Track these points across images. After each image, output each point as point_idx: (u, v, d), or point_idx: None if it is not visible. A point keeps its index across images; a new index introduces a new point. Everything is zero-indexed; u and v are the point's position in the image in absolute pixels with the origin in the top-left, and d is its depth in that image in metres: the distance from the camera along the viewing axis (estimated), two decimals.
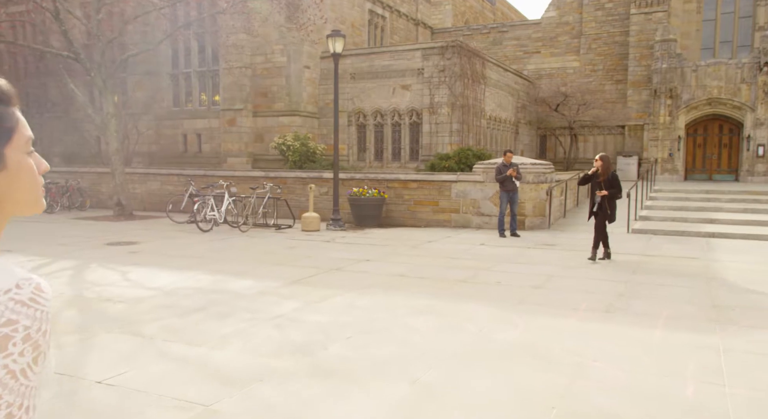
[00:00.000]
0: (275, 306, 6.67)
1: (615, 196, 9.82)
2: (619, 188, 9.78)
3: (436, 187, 15.49)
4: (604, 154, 9.96)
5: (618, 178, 9.89)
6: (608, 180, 9.73)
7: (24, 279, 0.90)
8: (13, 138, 0.93)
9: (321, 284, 7.95)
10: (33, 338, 0.88)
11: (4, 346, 0.84)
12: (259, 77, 21.50)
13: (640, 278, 8.53)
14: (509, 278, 8.50)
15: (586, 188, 20.25)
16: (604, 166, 9.73)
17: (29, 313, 0.88)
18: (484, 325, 5.94)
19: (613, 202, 9.87)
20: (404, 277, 8.50)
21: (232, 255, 10.35)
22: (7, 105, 0.94)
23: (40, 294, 0.91)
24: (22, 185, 0.94)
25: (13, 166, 0.92)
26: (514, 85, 25.85)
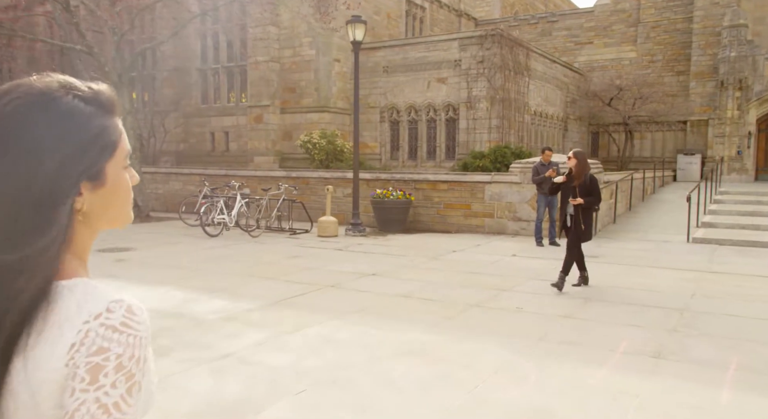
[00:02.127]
0: (233, 339, 5.40)
1: (592, 206, 7.67)
2: (598, 196, 7.65)
3: (468, 189, 13.99)
4: (579, 151, 7.68)
5: (597, 182, 7.73)
6: (584, 185, 7.50)
7: (114, 301, 0.84)
8: (115, 153, 0.88)
9: (305, 306, 6.66)
10: (126, 367, 0.80)
11: (95, 378, 0.79)
12: (287, 71, 20.44)
13: (701, 305, 6.86)
14: (535, 302, 6.99)
15: (640, 189, 18.32)
16: (579, 166, 7.48)
17: (121, 339, 0.81)
18: (484, 377, 4.49)
19: (589, 215, 7.66)
20: (408, 299, 7.11)
21: (226, 267, 9.19)
22: (111, 115, 0.89)
23: (132, 318, 0.83)
24: (118, 202, 0.90)
25: (112, 183, 0.88)
26: (562, 77, 23.94)
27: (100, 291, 0.85)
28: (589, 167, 7.66)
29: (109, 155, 0.87)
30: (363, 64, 20.63)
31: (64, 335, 0.81)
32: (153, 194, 19.14)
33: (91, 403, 0.78)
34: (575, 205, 7.48)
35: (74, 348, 0.80)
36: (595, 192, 7.57)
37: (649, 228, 14.07)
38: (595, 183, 7.62)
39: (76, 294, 0.84)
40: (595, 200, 7.58)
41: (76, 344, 0.80)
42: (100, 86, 0.90)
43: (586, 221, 7.55)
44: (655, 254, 10.73)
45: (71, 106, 0.85)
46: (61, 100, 0.85)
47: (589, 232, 7.64)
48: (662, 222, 14.60)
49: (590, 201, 7.49)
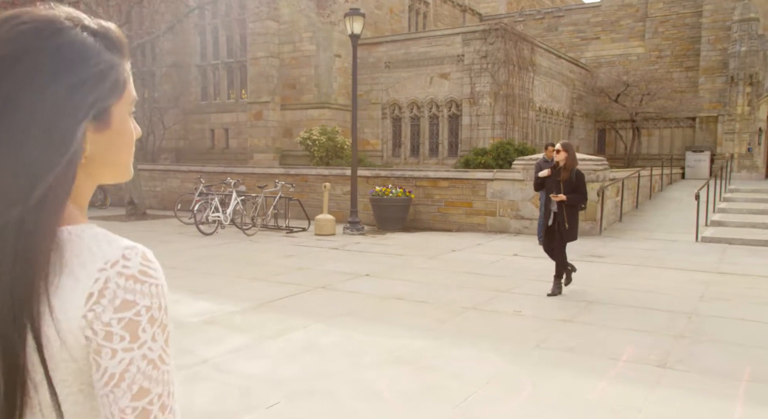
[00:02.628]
0: (212, 344, 5.08)
1: (577, 204, 6.94)
2: (584, 193, 6.90)
3: (470, 186, 13.62)
4: (568, 143, 7.05)
5: (584, 178, 6.99)
6: (570, 180, 6.81)
7: (129, 247, 0.79)
8: (123, 95, 0.83)
9: (292, 309, 6.33)
10: (158, 319, 0.78)
11: (135, 335, 0.75)
12: (287, 67, 20.11)
13: (710, 308, 6.48)
14: (534, 305, 6.63)
15: (647, 186, 17.90)
16: (568, 159, 6.84)
17: (144, 290, 0.77)
18: (475, 388, 4.15)
19: (573, 213, 6.96)
20: (401, 301, 6.77)
21: (215, 266, 8.88)
22: (120, 55, 0.83)
23: (150, 265, 0.80)
24: (121, 147, 0.85)
25: (117, 126, 0.83)
26: (568, 73, 23.51)
27: (112, 237, 0.81)
28: (577, 162, 7.03)
29: (117, 95, 0.82)
30: (364, 60, 20.33)
31: (80, 282, 0.75)
32: (151, 192, 18.89)
33: (139, 361, 0.76)
34: (559, 202, 6.88)
35: (92, 298, 0.75)
36: (581, 189, 6.87)
37: (657, 226, 13.67)
38: (582, 179, 6.94)
39: (85, 240, 0.79)
40: (580, 198, 6.88)
41: (94, 294, 0.75)
42: (110, 24, 0.85)
43: (571, 220, 6.92)
44: (663, 254, 10.34)
45: (80, 37, 0.79)
46: (69, 31, 0.79)
47: (573, 232, 7.02)
48: (670, 221, 14.19)
49: (574, 198, 6.81)
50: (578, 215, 7.11)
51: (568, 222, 6.89)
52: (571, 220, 6.91)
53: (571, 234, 7.02)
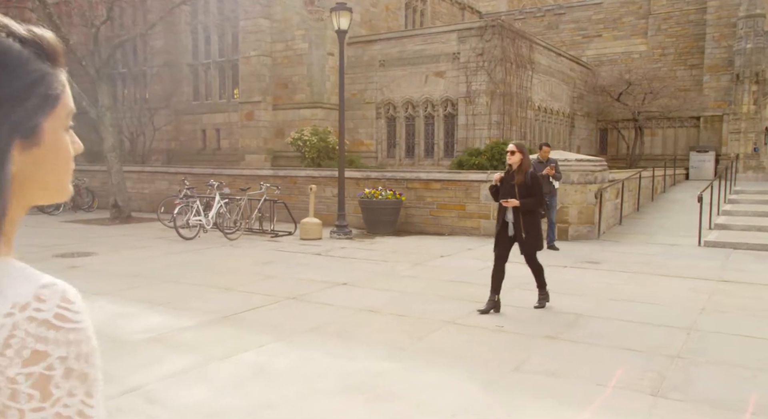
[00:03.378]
0: (149, 367, 4.56)
1: (533, 209, 6.19)
2: (540, 197, 6.17)
3: (463, 188, 13.08)
4: (521, 143, 6.37)
5: (539, 181, 6.32)
6: (524, 184, 6.13)
7: (44, 286, 0.71)
8: (56, 108, 0.77)
9: (253, 324, 5.81)
10: (76, 369, 0.70)
11: (46, 392, 0.68)
12: (279, 66, 19.61)
13: (711, 322, 5.92)
14: (519, 317, 6.09)
15: (649, 188, 17.30)
16: (525, 160, 6.18)
17: (60, 338, 0.69)
18: None
19: (532, 220, 6.20)
20: (375, 314, 6.24)
21: (185, 274, 8.37)
22: (54, 65, 0.77)
23: (69, 307, 0.72)
24: (54, 166, 0.78)
25: (50, 142, 0.76)
26: (568, 72, 22.92)
27: (27, 274, 0.73)
28: (531, 163, 6.40)
29: (47, 109, 0.75)
30: (359, 58, 19.83)
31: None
32: (139, 194, 18.44)
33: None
34: (515, 209, 6.17)
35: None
36: (537, 192, 6.13)
37: (658, 230, 13.10)
38: (537, 182, 6.21)
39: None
40: (536, 202, 6.15)
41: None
42: (44, 31, 0.77)
43: (529, 228, 6.15)
44: (662, 259, 9.78)
45: (5, 45, 0.72)
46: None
47: (536, 241, 6.25)
48: (671, 224, 13.61)
49: (530, 203, 6.11)
50: (539, 221, 6.35)
51: (527, 231, 6.16)
52: (530, 228, 6.19)
53: (534, 243, 6.26)
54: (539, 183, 6.25)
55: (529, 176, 6.16)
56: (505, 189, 6.22)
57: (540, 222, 6.39)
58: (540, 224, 6.38)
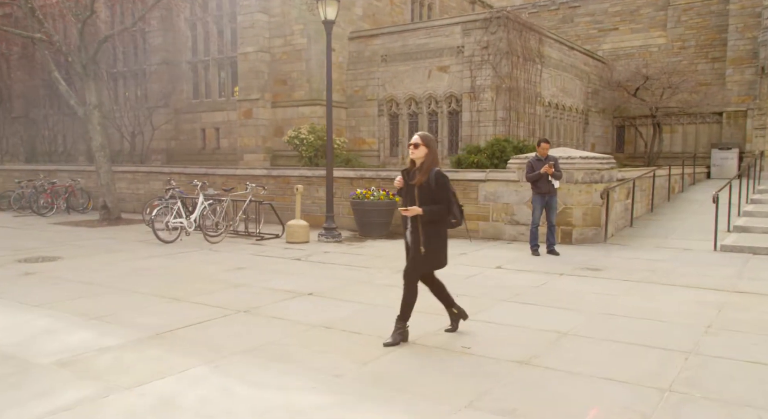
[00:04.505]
0: (37, 399, 3.89)
1: (439, 218, 4.90)
2: (448, 202, 4.89)
3: (460, 188, 12.26)
4: (426, 134, 5.03)
5: (448, 183, 4.91)
6: (427, 186, 4.84)
7: None
8: None
9: (187, 342, 5.12)
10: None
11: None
12: (278, 62, 18.99)
13: (717, 343, 5.09)
14: (492, 336, 5.32)
15: (665, 187, 16.28)
16: (430, 156, 4.90)
17: None
18: None
19: (434, 233, 4.93)
20: (328, 331, 5.52)
21: (144, 282, 7.74)
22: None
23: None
24: None
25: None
26: (582, 66, 21.94)
27: None
28: (438, 161, 5.01)
29: None
30: (360, 54, 19.15)
31: None
32: (134, 195, 17.96)
33: None
34: (413, 218, 4.91)
35: None
36: (443, 197, 4.82)
37: (671, 232, 12.16)
38: (444, 184, 4.85)
39: None
40: (441, 211, 4.85)
41: None
42: None
43: (429, 241, 4.89)
44: (671, 266, 8.89)
45: None
46: None
47: (434, 258, 4.98)
48: (687, 226, 12.66)
49: (434, 211, 4.81)
50: (444, 235, 5.03)
51: (426, 245, 4.87)
52: (429, 242, 4.88)
53: (433, 260, 5.01)
54: (447, 185, 4.87)
55: (434, 176, 4.81)
56: (405, 192, 4.99)
57: (446, 236, 5.06)
58: (445, 238, 5.07)
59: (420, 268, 5.05)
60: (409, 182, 4.93)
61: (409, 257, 5.05)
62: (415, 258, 4.98)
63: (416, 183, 4.86)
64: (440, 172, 4.89)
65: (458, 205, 5.10)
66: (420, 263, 4.99)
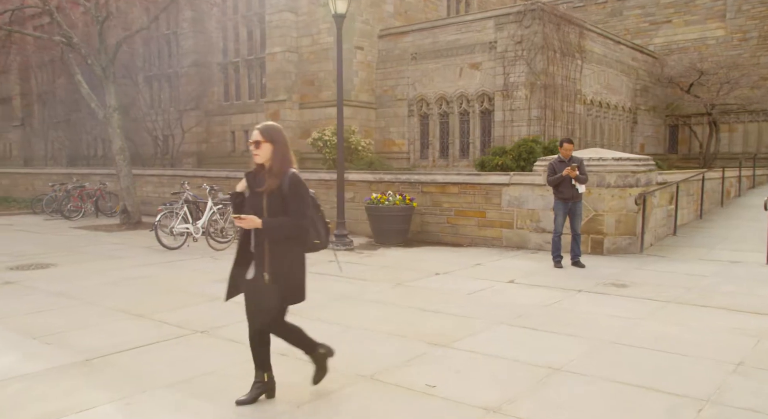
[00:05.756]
0: None
1: (288, 235, 3.66)
2: (301, 214, 3.65)
3: (482, 192, 11.39)
4: (269, 126, 3.76)
5: (303, 189, 3.69)
6: (280, 192, 3.65)
7: None
8: None
9: (116, 370, 4.52)
10: None
11: None
12: (305, 62, 18.50)
13: (744, 390, 4.10)
14: (470, 370, 4.48)
15: (717, 191, 14.85)
16: (278, 154, 3.66)
17: None
18: None
19: (286, 254, 3.69)
20: (283, 358, 4.81)
21: (121, 293, 7.26)
22: None
23: None
24: None
25: None
26: (629, 61, 20.54)
27: None
28: (292, 160, 3.77)
29: None
30: (390, 52, 18.46)
31: None
32: (159, 198, 17.76)
33: None
34: (258, 234, 3.67)
35: None
36: (298, 208, 3.63)
37: (720, 242, 10.90)
38: (300, 190, 3.65)
39: None
40: (292, 226, 3.62)
41: None
42: None
43: (278, 265, 3.63)
44: (712, 282, 7.77)
45: None
46: None
47: (286, 290, 3.70)
48: (738, 235, 11.37)
49: (277, 226, 3.59)
50: (300, 258, 3.77)
51: (272, 270, 3.62)
52: (277, 265, 3.63)
53: (286, 293, 3.72)
54: (304, 192, 3.67)
55: (288, 181, 3.63)
56: (252, 200, 3.72)
57: (303, 259, 3.80)
58: (302, 261, 3.80)
59: (285, 301, 3.75)
60: (256, 189, 3.69)
61: (260, 290, 3.69)
62: (264, 289, 3.64)
63: (265, 190, 3.62)
64: (296, 175, 3.68)
65: (323, 220, 3.91)
66: (268, 296, 3.66)
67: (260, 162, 3.67)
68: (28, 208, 18.98)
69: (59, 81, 24.85)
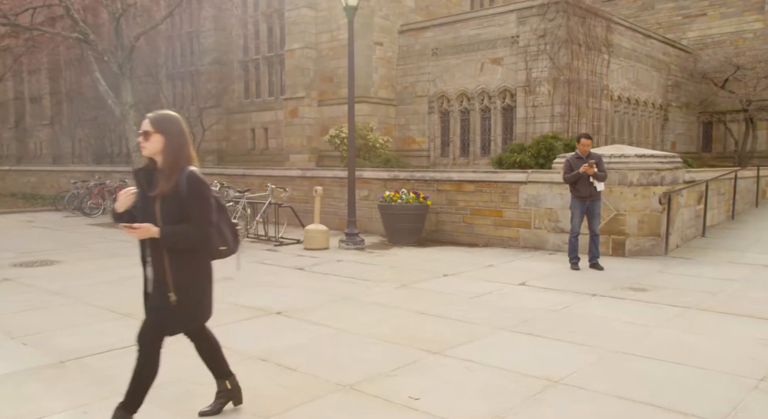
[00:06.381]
0: None
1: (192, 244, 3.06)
2: (205, 219, 3.04)
3: (499, 191, 10.97)
4: (162, 115, 3.12)
5: (206, 189, 3.07)
6: (177, 196, 3.01)
7: None
8: None
9: (85, 375, 4.30)
10: None
11: None
12: (324, 59, 18.27)
13: (764, 410, 3.66)
14: (460, 382, 4.13)
15: (752, 191, 14.11)
16: (170, 148, 3.03)
17: None
18: None
19: (191, 265, 3.11)
20: (262, 364, 4.53)
21: (113, 293, 7.10)
22: None
23: None
24: None
25: None
26: (660, 56, 19.79)
27: None
28: (190, 157, 3.13)
29: None
30: (410, 48, 18.12)
31: None
32: None
33: None
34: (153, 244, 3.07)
35: None
36: (200, 212, 3.04)
37: (752, 245, 10.29)
38: (200, 191, 3.05)
39: None
40: (195, 233, 3.04)
41: None
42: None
43: (178, 279, 3.07)
44: (740, 288, 7.24)
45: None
46: None
47: (196, 307, 3.23)
48: None
49: (179, 234, 3.01)
50: (204, 270, 3.21)
51: (178, 287, 3.07)
52: (180, 282, 3.08)
53: (189, 313, 3.21)
54: (207, 194, 3.08)
55: (186, 182, 3.01)
56: (144, 205, 3.09)
57: (209, 271, 3.25)
58: (208, 274, 3.25)
59: (168, 326, 3.19)
60: (148, 192, 3.07)
61: (148, 307, 3.21)
62: (160, 309, 3.11)
63: (157, 193, 3.01)
64: (195, 174, 3.05)
65: (230, 223, 3.35)
66: (168, 317, 3.14)
67: (147, 154, 3.07)
68: (51, 205, 19.18)
69: (85, 79, 25.12)
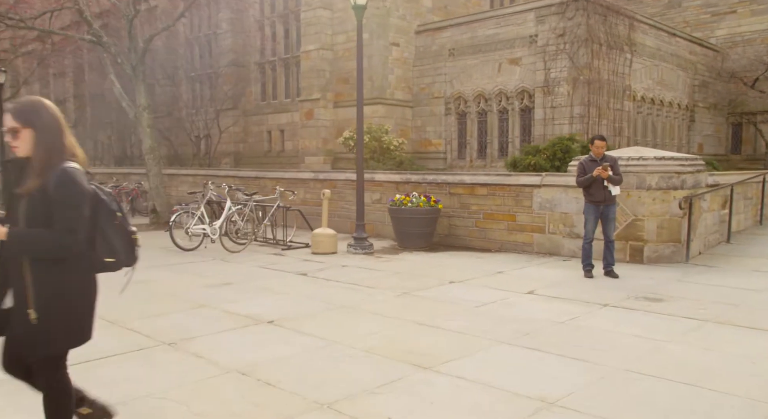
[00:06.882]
0: None
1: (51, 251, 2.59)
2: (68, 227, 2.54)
3: (512, 194, 10.62)
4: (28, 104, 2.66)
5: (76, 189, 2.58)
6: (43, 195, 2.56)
7: None
8: None
9: None
10: None
11: None
12: (340, 60, 18.08)
13: None
14: (446, 402, 3.83)
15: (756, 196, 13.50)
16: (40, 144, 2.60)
17: None
18: None
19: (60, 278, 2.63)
20: (242, 379, 4.29)
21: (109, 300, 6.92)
22: None
23: None
24: None
25: None
26: (687, 55, 19.17)
27: None
28: (65, 151, 2.67)
29: None
30: (427, 48, 17.84)
31: None
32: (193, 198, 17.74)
33: None
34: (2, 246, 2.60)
35: None
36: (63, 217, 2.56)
37: None
38: (68, 192, 2.57)
39: None
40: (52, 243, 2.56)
41: None
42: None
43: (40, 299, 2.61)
44: (766, 299, 6.80)
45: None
46: None
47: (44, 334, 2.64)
48: None
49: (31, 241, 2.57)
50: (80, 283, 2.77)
51: (39, 305, 2.61)
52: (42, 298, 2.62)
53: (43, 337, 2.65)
54: (78, 198, 2.60)
55: (55, 181, 2.57)
56: (12, 204, 2.70)
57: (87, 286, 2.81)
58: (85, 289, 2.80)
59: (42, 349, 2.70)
60: (15, 189, 2.67)
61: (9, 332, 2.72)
62: (25, 331, 2.64)
63: (24, 192, 2.61)
64: (67, 173, 2.60)
65: (124, 231, 2.86)
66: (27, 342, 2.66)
67: (23, 155, 2.65)
68: None
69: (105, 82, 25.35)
